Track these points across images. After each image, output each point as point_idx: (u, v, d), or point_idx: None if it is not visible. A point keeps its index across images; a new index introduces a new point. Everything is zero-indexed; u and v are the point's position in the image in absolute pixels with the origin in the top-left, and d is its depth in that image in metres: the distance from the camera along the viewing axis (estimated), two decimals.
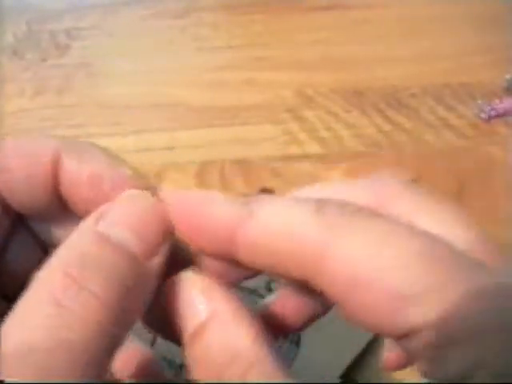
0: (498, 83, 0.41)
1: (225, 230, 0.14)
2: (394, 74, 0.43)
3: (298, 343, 0.25)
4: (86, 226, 0.15)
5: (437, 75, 0.42)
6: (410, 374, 0.18)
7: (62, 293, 0.13)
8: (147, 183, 0.16)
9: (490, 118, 0.38)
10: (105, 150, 0.17)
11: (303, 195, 0.15)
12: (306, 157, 0.37)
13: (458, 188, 0.34)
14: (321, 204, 0.13)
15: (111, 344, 0.13)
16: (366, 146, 0.37)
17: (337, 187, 0.15)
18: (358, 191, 0.15)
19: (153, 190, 0.16)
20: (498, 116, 0.39)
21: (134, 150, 0.37)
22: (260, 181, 0.35)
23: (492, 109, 0.38)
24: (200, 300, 0.14)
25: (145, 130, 0.39)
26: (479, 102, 0.39)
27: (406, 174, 0.34)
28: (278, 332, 0.16)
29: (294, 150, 0.37)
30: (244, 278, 0.15)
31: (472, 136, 0.38)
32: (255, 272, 0.15)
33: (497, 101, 0.39)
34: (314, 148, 0.37)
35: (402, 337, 0.12)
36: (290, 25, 0.48)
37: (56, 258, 0.14)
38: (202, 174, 0.36)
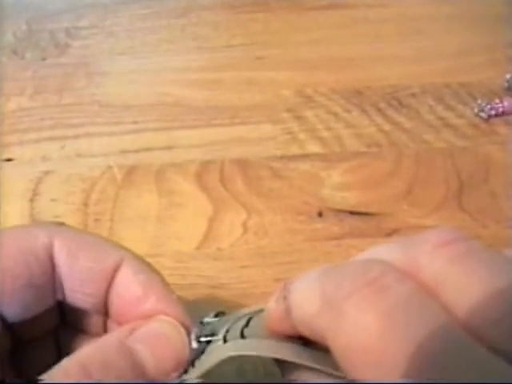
0: (498, 83, 0.41)
1: (280, 320, 0.17)
2: (394, 73, 0.43)
3: None
4: (118, 335, 0.17)
5: (437, 75, 0.42)
6: None
7: None
8: (181, 312, 0.19)
9: (489, 117, 0.38)
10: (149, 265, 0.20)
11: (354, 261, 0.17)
12: (306, 156, 0.37)
13: (458, 188, 0.35)
14: (326, 299, 0.15)
15: None
16: (366, 146, 0.37)
17: (379, 251, 0.16)
18: (393, 254, 0.15)
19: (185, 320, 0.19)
20: (498, 115, 0.39)
21: (134, 150, 0.37)
22: (260, 181, 0.35)
23: (492, 108, 0.38)
24: None
25: (144, 129, 0.39)
26: (479, 101, 0.39)
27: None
28: None
29: (294, 149, 0.37)
30: None
31: (472, 136, 0.38)
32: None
33: (497, 100, 0.39)
34: (314, 148, 0.37)
35: None
36: (290, 24, 0.48)
37: (82, 353, 0.16)
38: (202, 174, 0.36)
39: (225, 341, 0.18)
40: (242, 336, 0.19)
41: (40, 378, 0.15)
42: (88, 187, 0.35)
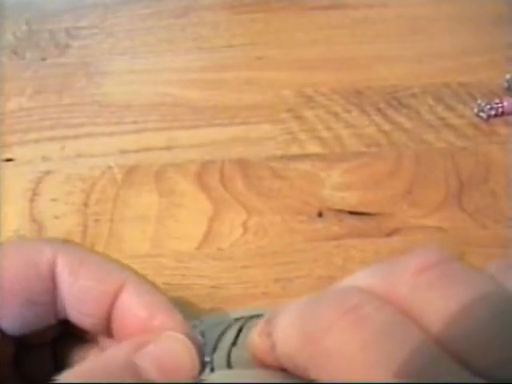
0: (498, 83, 0.41)
1: (264, 354, 0.17)
2: (394, 73, 0.43)
3: None
4: (125, 351, 0.16)
5: (437, 75, 0.42)
6: None
7: None
8: (186, 326, 0.18)
9: (489, 117, 0.38)
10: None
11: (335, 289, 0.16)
12: (306, 156, 0.37)
13: (458, 188, 0.34)
14: (306, 333, 0.14)
15: None
16: (366, 146, 0.37)
17: (360, 278, 0.16)
18: (374, 281, 0.15)
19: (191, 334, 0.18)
20: (498, 116, 0.39)
21: (134, 150, 0.37)
22: (260, 181, 0.35)
23: (492, 108, 0.38)
24: None
25: (144, 129, 0.39)
26: (479, 101, 0.39)
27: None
28: None
29: (294, 149, 0.37)
30: None
31: (472, 136, 0.38)
32: None
33: (497, 100, 0.39)
34: (314, 148, 0.37)
35: None
36: (290, 24, 0.48)
37: (85, 367, 0.16)
38: (202, 174, 0.36)
39: (212, 368, 0.18)
40: (229, 359, 0.18)
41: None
42: (88, 187, 0.35)
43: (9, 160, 0.37)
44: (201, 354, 0.18)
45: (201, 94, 0.42)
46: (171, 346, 0.17)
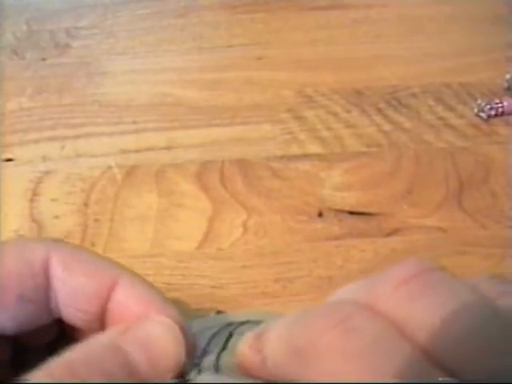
0: (498, 83, 0.41)
1: (253, 368, 0.16)
2: (394, 73, 0.43)
3: None
4: (109, 335, 0.17)
5: (437, 75, 0.42)
6: None
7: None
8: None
9: (489, 117, 0.38)
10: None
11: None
12: (306, 156, 0.37)
13: (458, 188, 0.35)
14: (294, 345, 0.14)
15: None
16: (366, 146, 0.37)
17: (342, 294, 0.16)
18: (354, 295, 0.15)
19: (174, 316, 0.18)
20: (498, 116, 0.39)
21: (134, 150, 0.37)
22: (260, 181, 0.35)
23: (492, 108, 0.38)
24: None
25: (144, 129, 0.39)
26: (479, 101, 0.39)
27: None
28: None
29: (294, 149, 0.37)
30: None
31: (472, 136, 0.38)
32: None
33: (497, 100, 0.39)
34: (314, 148, 0.37)
35: None
36: (290, 24, 0.48)
37: (68, 353, 0.15)
38: (202, 174, 0.36)
39: (199, 370, 0.18)
40: (217, 363, 0.18)
41: (24, 378, 0.15)
42: (88, 187, 0.35)
43: (9, 160, 0.37)
44: (193, 343, 0.18)
45: (201, 94, 0.42)
46: (156, 330, 0.17)
